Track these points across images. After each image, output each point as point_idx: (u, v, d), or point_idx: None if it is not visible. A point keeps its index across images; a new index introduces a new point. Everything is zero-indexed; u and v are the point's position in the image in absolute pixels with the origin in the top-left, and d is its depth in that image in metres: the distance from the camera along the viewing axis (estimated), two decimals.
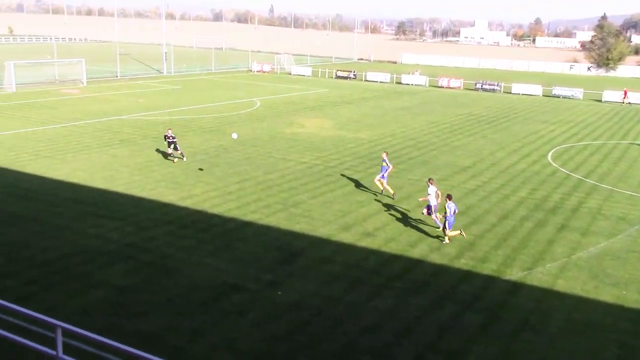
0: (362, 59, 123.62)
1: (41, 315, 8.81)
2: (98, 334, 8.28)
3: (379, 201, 25.40)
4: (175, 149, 30.63)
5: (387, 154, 26.19)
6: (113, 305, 15.43)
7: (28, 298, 15.23)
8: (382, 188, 25.90)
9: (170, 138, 30.44)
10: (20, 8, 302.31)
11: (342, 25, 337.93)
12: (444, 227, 20.66)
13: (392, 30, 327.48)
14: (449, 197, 20.55)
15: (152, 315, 15.05)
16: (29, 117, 41.74)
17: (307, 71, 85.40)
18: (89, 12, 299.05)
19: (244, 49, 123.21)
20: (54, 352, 8.50)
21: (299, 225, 22.02)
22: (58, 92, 55.71)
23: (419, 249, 20.18)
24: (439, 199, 21.58)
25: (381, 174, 25.76)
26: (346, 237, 21.00)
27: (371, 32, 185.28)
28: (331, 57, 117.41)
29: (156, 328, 14.41)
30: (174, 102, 52.27)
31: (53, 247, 19.10)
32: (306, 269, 18.26)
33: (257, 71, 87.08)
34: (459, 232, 20.92)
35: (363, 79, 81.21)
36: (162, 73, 78.67)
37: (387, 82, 78.89)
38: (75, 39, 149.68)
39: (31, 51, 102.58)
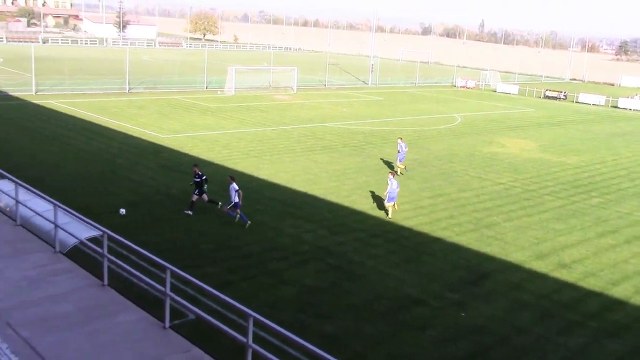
0: (574, 79, 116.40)
1: (237, 303, 9.52)
2: (284, 328, 8.75)
3: (580, 231, 23.79)
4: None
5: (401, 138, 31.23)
6: (300, 303, 16.21)
7: (227, 285, 16.54)
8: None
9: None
10: (245, 18, 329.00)
11: (555, 43, 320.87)
12: None
13: (612, 49, 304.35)
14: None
15: (336, 318, 15.55)
16: (244, 119, 45.23)
17: (513, 89, 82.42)
18: (305, 23, 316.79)
19: (450, 64, 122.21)
20: (244, 340, 9.13)
21: (490, 248, 21.37)
22: (271, 97, 59.70)
23: (622, 288, 18.55)
24: None
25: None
26: (539, 266, 19.96)
27: (588, 50, 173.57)
28: (541, 76, 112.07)
29: (338, 331, 14.87)
30: (376, 113, 53.44)
31: (253, 241, 20.54)
32: (493, 293, 17.67)
33: (460, 87, 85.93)
34: None
35: (574, 101, 76.44)
36: (367, 84, 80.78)
37: (601, 105, 73.44)
38: (290, 48, 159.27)
39: (251, 58, 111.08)
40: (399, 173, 30.16)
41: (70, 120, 40.43)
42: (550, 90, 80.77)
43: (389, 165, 32.75)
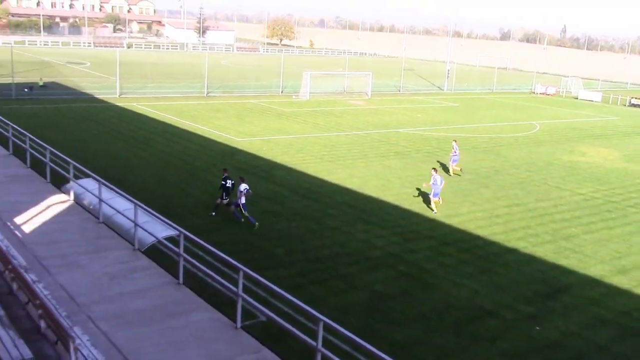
0: None
1: (307, 306, 9.60)
2: (354, 334, 8.76)
3: None
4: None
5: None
6: (370, 309, 16.16)
7: (297, 289, 16.67)
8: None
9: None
10: (321, 24, 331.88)
11: None
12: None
13: None
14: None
15: (405, 326, 15.41)
16: (318, 124, 45.56)
17: (596, 96, 79.41)
18: (381, 29, 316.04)
19: (529, 70, 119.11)
20: (314, 343, 9.20)
21: (568, 260, 20.65)
22: (345, 102, 59.88)
23: None
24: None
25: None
26: (621, 281, 19.13)
27: None
28: (626, 83, 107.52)
29: (407, 339, 14.73)
30: (451, 119, 52.69)
31: (324, 245, 20.64)
32: (570, 308, 17.06)
33: (540, 93, 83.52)
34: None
35: None
36: (443, 90, 79.77)
37: None
38: (365, 54, 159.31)
39: (326, 63, 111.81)
40: (451, 174, 31.20)
41: (151, 122, 41.88)
42: (635, 98, 77.31)
43: (465, 171, 32.21)
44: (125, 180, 25.48)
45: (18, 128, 21.78)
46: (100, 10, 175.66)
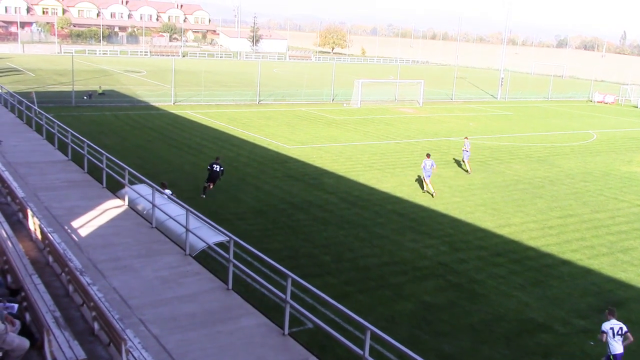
0: None
1: (355, 315, 9.60)
2: (401, 344, 8.71)
3: None
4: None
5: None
6: (418, 319, 16.01)
7: (345, 297, 16.66)
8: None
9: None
10: (374, 31, 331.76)
11: None
12: None
13: None
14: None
15: (453, 337, 15.21)
16: (368, 132, 45.50)
17: None
18: (434, 36, 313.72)
19: (586, 78, 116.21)
20: (361, 352, 9.19)
21: (625, 274, 20.02)
22: (396, 110, 59.64)
23: None
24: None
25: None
26: None
27: None
28: None
29: (455, 351, 14.54)
30: (504, 128, 51.83)
31: (373, 254, 20.58)
32: (627, 323, 16.46)
33: (598, 102, 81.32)
34: None
35: None
36: (496, 98, 78.56)
37: None
38: (418, 62, 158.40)
39: (378, 71, 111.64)
40: (469, 171, 33.26)
41: (204, 129, 42.63)
42: None
43: (517, 181, 31.65)
44: (178, 185, 26.00)
45: (77, 134, 22.49)
46: (157, 20, 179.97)
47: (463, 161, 33.96)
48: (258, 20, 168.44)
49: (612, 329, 13.08)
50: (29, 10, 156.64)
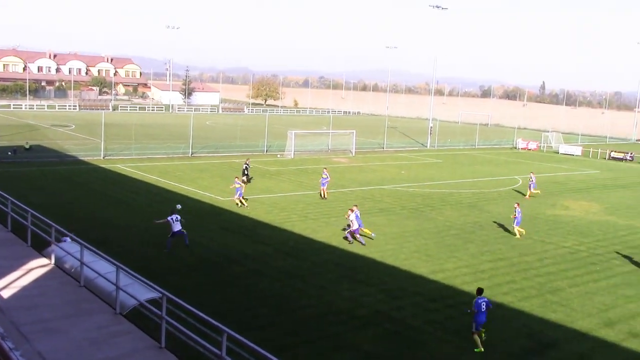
0: None
1: None
2: None
3: None
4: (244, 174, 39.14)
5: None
6: None
7: (284, 350, 16.38)
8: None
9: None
10: (306, 83, 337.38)
11: (620, 104, 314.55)
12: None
13: None
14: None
15: None
16: (302, 182, 45.75)
17: (576, 150, 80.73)
18: (364, 88, 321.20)
19: (510, 126, 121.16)
20: None
21: (555, 315, 20.58)
22: (329, 160, 60.31)
23: None
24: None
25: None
26: (608, 335, 19.05)
27: None
28: (605, 137, 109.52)
29: None
30: (435, 175, 53.15)
31: (310, 305, 20.43)
32: None
33: (521, 148, 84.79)
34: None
35: None
36: (426, 147, 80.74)
37: None
38: (349, 112, 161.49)
39: (310, 122, 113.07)
40: (324, 196, 38.85)
41: (136, 183, 41.84)
42: (615, 152, 78.75)
43: (449, 227, 32.33)
44: (108, 242, 25.26)
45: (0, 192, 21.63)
46: (87, 73, 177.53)
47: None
48: (190, 73, 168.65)
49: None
50: None
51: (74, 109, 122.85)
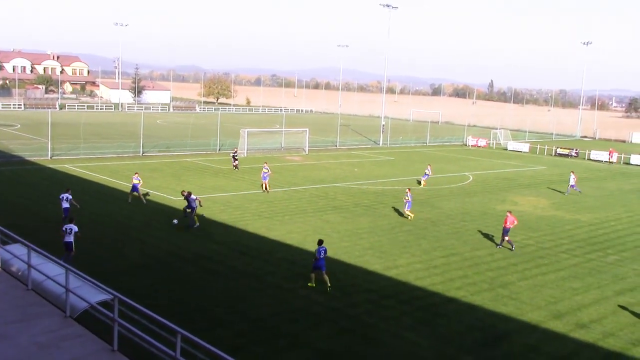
0: (585, 137, 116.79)
1: None
2: None
3: (597, 290, 23.38)
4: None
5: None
6: None
7: (238, 349, 16.28)
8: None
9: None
10: (258, 82, 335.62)
11: (565, 102, 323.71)
12: None
13: (622, 106, 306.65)
14: None
15: None
16: (256, 180, 45.50)
17: (524, 147, 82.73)
18: (317, 86, 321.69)
19: (460, 123, 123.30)
20: None
21: (506, 308, 21.02)
22: (283, 159, 60.22)
23: None
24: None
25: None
26: (556, 326, 19.56)
27: (598, 108, 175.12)
28: (551, 134, 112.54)
29: None
30: (387, 173, 53.63)
31: (265, 303, 20.34)
32: (510, 356, 17.27)
33: (471, 145, 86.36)
34: None
35: (586, 158, 76.51)
36: (378, 144, 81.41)
37: (613, 162, 73.39)
38: (302, 110, 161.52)
39: (263, 121, 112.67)
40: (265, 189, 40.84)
41: (85, 183, 40.90)
42: (561, 148, 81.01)
43: (402, 223, 32.65)
44: (57, 243, 24.61)
45: None
46: (32, 71, 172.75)
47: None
48: (140, 71, 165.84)
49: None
50: None
51: (19, 107, 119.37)
